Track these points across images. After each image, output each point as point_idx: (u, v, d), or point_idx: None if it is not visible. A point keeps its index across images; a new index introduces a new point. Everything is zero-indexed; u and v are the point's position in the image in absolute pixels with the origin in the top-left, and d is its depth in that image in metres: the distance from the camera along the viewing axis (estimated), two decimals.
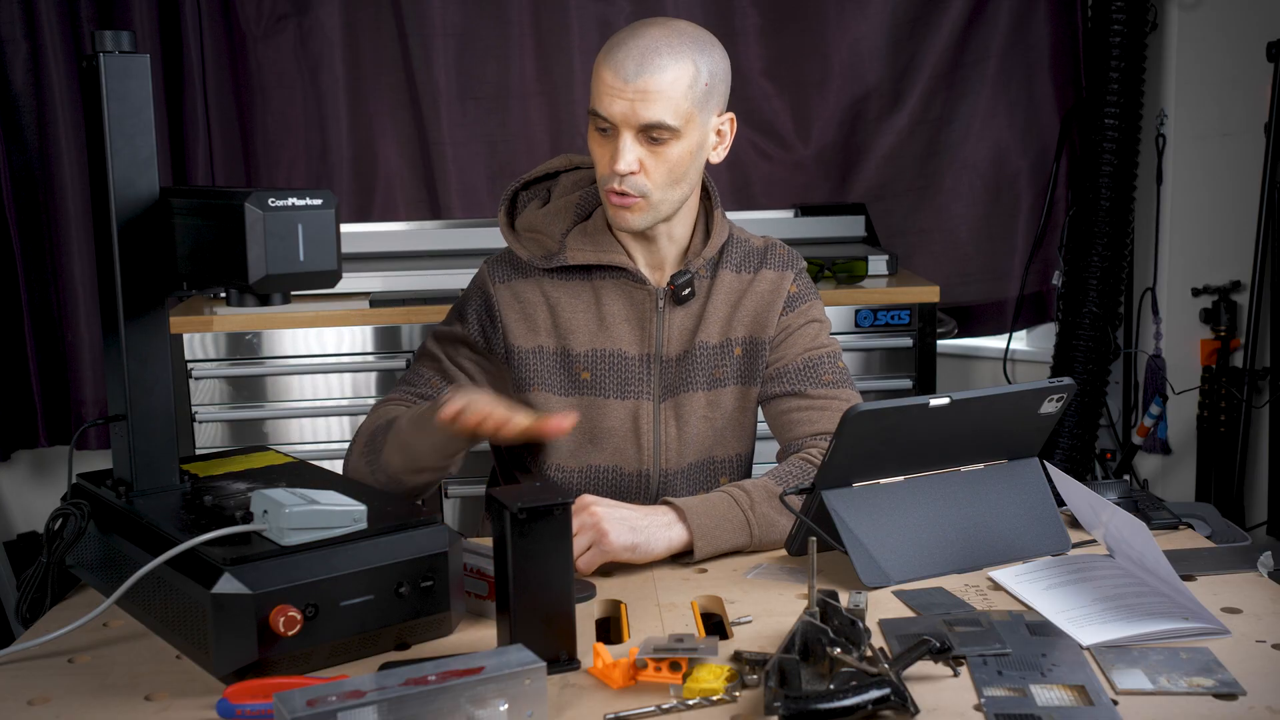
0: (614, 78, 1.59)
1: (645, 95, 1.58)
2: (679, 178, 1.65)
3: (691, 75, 1.60)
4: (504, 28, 3.23)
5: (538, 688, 1.09)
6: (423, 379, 1.77)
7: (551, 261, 1.74)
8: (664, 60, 1.59)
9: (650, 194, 1.64)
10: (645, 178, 1.63)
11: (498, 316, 1.76)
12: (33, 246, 3.18)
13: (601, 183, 1.67)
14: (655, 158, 1.62)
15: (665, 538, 1.52)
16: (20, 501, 3.40)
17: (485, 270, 1.80)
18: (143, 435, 1.41)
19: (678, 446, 1.77)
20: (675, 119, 1.60)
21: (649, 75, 1.58)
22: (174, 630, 1.28)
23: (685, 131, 1.62)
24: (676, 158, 1.63)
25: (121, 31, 1.34)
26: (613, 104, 1.60)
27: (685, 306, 1.76)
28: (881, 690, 1.09)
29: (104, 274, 1.38)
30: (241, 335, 2.70)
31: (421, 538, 1.30)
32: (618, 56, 1.60)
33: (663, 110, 1.59)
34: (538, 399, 1.75)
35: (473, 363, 1.78)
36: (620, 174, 1.62)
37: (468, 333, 1.78)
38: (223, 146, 3.23)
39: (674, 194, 1.67)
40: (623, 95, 1.59)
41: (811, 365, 1.77)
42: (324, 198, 1.26)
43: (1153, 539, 1.33)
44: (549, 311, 1.76)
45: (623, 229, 1.69)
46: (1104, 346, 3.21)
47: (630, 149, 1.61)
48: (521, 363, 1.75)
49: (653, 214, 1.67)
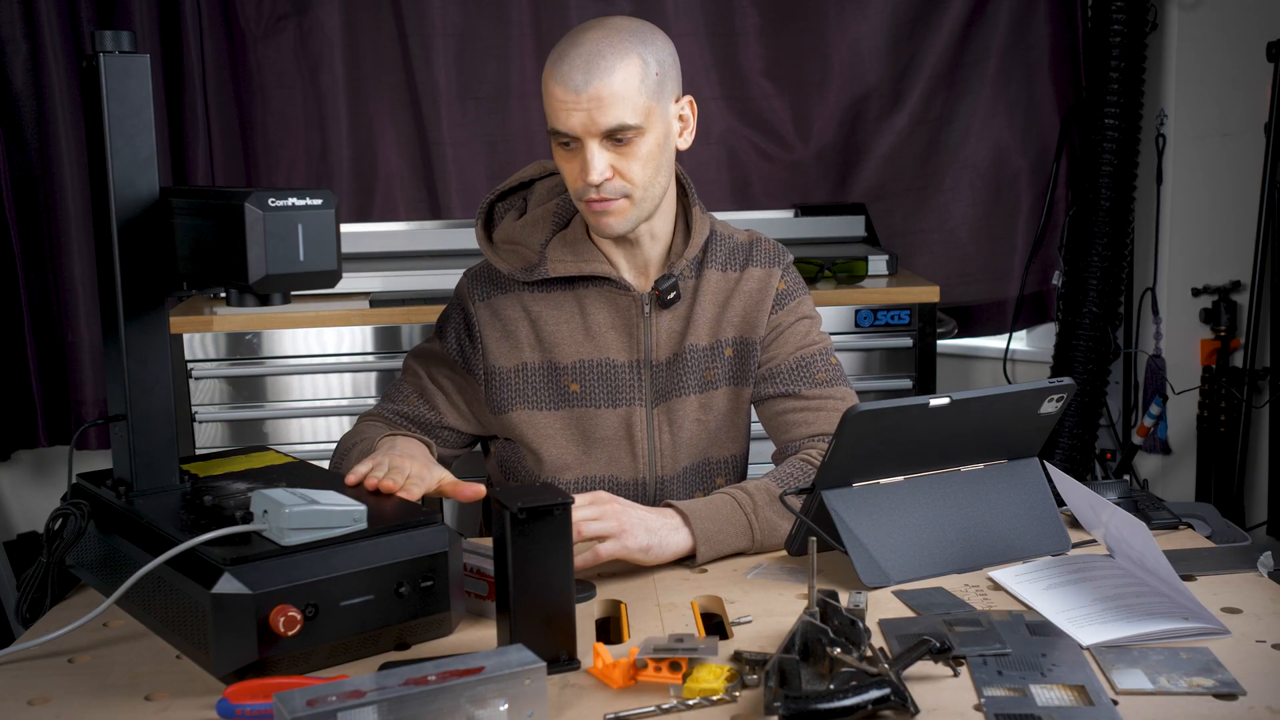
0: (564, 92, 1.58)
1: (600, 101, 1.57)
2: (654, 171, 1.64)
3: (640, 70, 1.59)
4: (504, 28, 3.23)
5: (538, 688, 1.09)
6: (402, 395, 1.81)
7: (533, 274, 1.73)
8: (609, 62, 1.57)
9: (631, 192, 1.63)
10: (622, 179, 1.62)
11: (477, 336, 1.76)
12: (33, 246, 3.17)
13: (576, 196, 1.65)
14: (626, 158, 1.61)
15: (674, 542, 1.52)
16: (20, 501, 3.40)
17: (464, 286, 1.80)
18: (143, 435, 1.41)
19: (672, 451, 1.77)
20: (635, 117, 1.59)
21: (598, 81, 1.57)
22: (174, 630, 1.28)
23: (648, 125, 1.61)
24: (646, 153, 1.62)
25: (121, 31, 1.34)
26: (570, 117, 1.58)
27: (672, 309, 1.75)
28: (881, 690, 1.09)
29: (104, 274, 1.39)
30: (241, 335, 2.70)
31: (421, 538, 1.30)
32: (563, 70, 1.58)
33: (621, 112, 1.58)
34: (519, 419, 1.75)
35: (450, 380, 1.79)
36: (594, 184, 1.61)
37: (446, 350, 1.79)
38: (223, 146, 3.22)
39: (654, 188, 1.66)
40: (578, 107, 1.58)
41: (804, 364, 1.76)
42: (324, 198, 1.26)
43: (1153, 539, 1.33)
44: (530, 326, 1.75)
45: (608, 235, 1.67)
46: (1104, 346, 3.21)
47: (599, 157, 1.60)
48: (502, 384, 1.75)
49: (636, 213, 1.66)
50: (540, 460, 1.76)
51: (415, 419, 1.79)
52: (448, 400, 1.79)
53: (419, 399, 1.79)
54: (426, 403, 1.79)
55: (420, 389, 1.80)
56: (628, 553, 1.48)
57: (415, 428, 1.78)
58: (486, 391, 1.76)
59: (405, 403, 1.79)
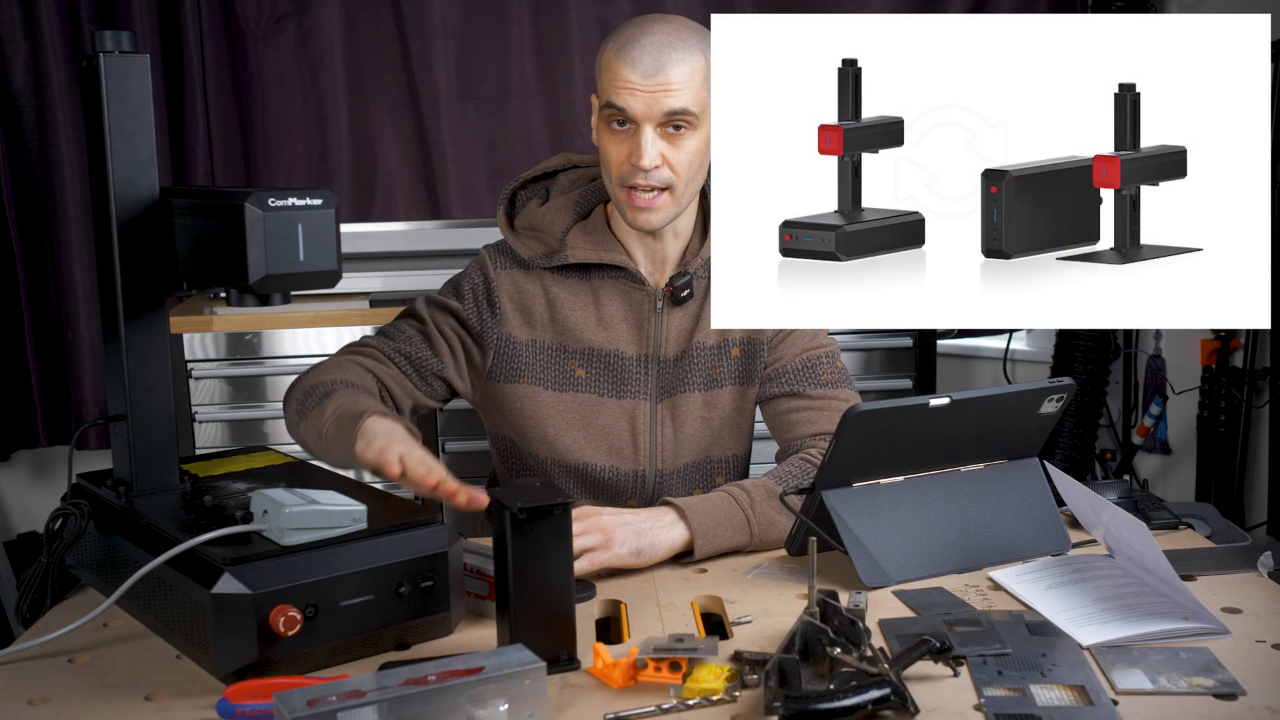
0: (632, 72, 1.61)
1: (667, 88, 1.60)
2: (699, 167, 1.67)
3: (705, 66, 1.63)
4: (504, 28, 3.23)
5: (538, 688, 1.09)
6: (403, 335, 1.75)
7: (552, 260, 1.74)
8: (680, 54, 1.61)
9: (675, 185, 1.65)
10: (670, 170, 1.64)
11: (497, 301, 1.75)
12: (33, 246, 3.17)
13: (619, 180, 1.66)
14: (677, 150, 1.64)
15: (668, 538, 1.52)
16: (20, 501, 3.40)
17: (486, 255, 1.79)
18: (143, 435, 1.41)
19: (674, 447, 1.77)
20: (697, 106, 1.62)
21: (669, 69, 1.60)
22: (174, 630, 1.28)
23: (703, 120, 1.64)
24: (695, 148, 1.65)
25: (121, 31, 1.34)
26: (633, 98, 1.61)
27: (683, 307, 1.76)
28: (881, 690, 1.09)
29: (104, 274, 1.38)
30: (241, 335, 2.70)
31: (421, 538, 1.30)
32: (633, 54, 1.61)
33: (686, 98, 1.61)
34: (525, 392, 1.76)
35: (456, 335, 1.76)
36: (644, 169, 1.62)
37: (463, 307, 1.76)
38: (223, 146, 3.22)
39: (694, 185, 1.68)
40: (643, 89, 1.61)
41: (810, 365, 1.77)
42: (324, 198, 1.26)
43: (1153, 539, 1.33)
44: (548, 306, 1.76)
45: (644, 228, 1.69)
46: (1104, 346, 3.21)
47: (653, 143, 1.62)
48: (515, 354, 1.75)
49: (675, 208, 1.68)
50: (541, 440, 1.76)
51: (414, 360, 1.74)
52: (451, 354, 1.75)
53: (423, 341, 1.75)
54: (431, 348, 1.75)
55: (425, 334, 1.75)
56: (618, 560, 1.48)
57: (410, 369, 1.74)
58: (496, 359, 1.76)
59: (407, 343, 1.74)
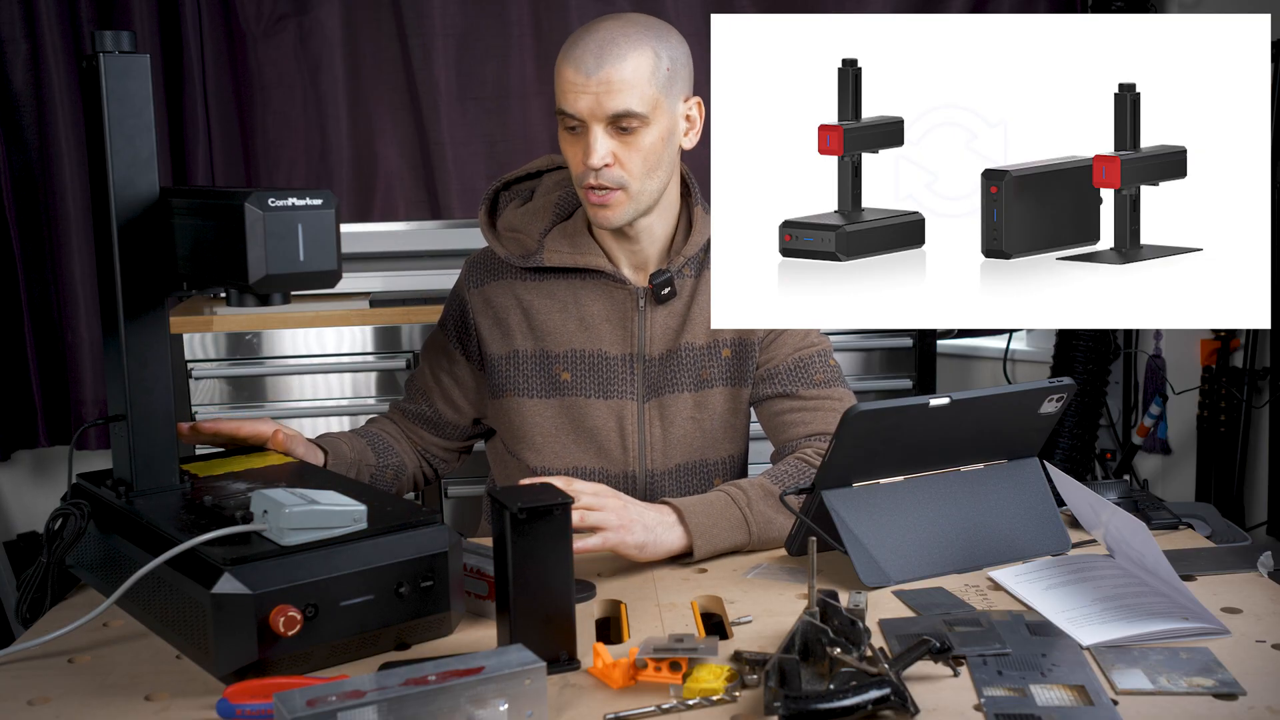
0: (575, 74, 1.60)
1: (609, 86, 1.59)
2: (654, 165, 1.66)
3: (652, 61, 1.61)
4: (504, 28, 3.23)
5: (538, 688, 1.09)
6: (410, 391, 1.90)
7: (528, 261, 1.75)
8: (622, 50, 1.60)
9: (628, 184, 1.65)
10: (621, 169, 1.64)
11: (471, 325, 1.80)
12: (33, 246, 3.17)
13: (577, 181, 1.67)
14: (628, 148, 1.63)
15: (669, 540, 1.52)
16: (20, 501, 3.40)
17: (463, 272, 1.85)
18: (143, 435, 1.41)
19: (663, 447, 1.77)
20: (642, 106, 1.61)
21: (610, 66, 1.59)
22: (174, 630, 1.28)
23: (654, 118, 1.63)
24: (649, 145, 1.64)
25: (121, 31, 1.34)
26: (578, 100, 1.61)
27: (668, 306, 1.76)
28: (881, 690, 1.09)
29: (104, 274, 1.38)
30: (241, 335, 2.70)
31: (421, 538, 1.30)
32: (576, 53, 1.61)
33: (629, 98, 1.60)
34: (510, 405, 1.78)
35: (447, 371, 1.85)
36: (594, 168, 1.62)
37: (446, 339, 1.85)
38: (223, 146, 3.22)
39: (651, 183, 1.67)
40: (586, 90, 1.60)
41: (802, 365, 1.76)
42: (324, 198, 1.26)
43: (1153, 539, 1.33)
44: (522, 314, 1.77)
45: (603, 226, 1.69)
46: (1104, 346, 3.21)
47: (601, 142, 1.62)
48: (494, 370, 1.79)
49: (633, 206, 1.67)
50: (531, 447, 1.77)
51: (418, 416, 1.87)
52: (442, 394, 1.85)
53: (421, 396, 1.87)
54: (425, 399, 1.86)
55: (422, 386, 1.87)
56: (624, 548, 1.48)
57: (421, 424, 1.86)
58: (487, 377, 1.81)
59: (412, 401, 1.88)
